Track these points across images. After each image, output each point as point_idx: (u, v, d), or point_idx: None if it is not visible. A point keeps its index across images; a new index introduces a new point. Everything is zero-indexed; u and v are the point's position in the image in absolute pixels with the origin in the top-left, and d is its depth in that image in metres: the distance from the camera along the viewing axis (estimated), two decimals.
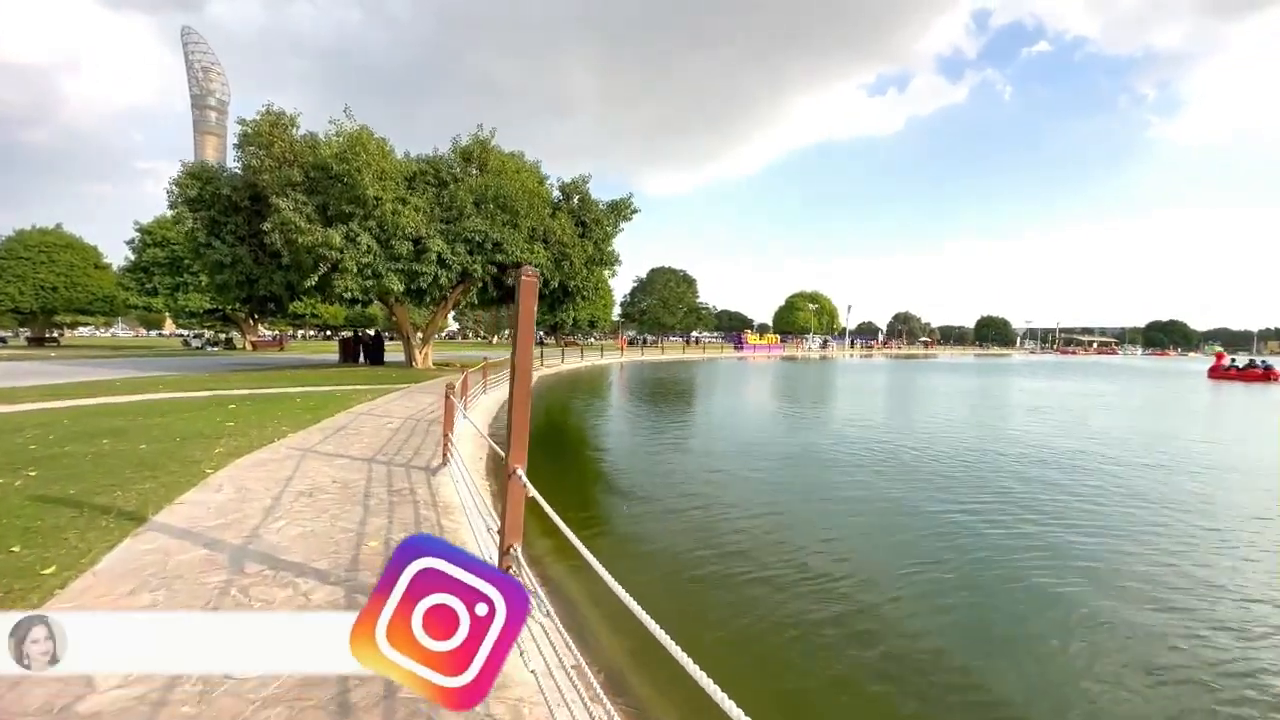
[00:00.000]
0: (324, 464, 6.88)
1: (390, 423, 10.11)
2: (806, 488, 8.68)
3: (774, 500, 7.90)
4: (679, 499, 7.88)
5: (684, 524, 6.86)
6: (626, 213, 24.74)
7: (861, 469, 9.74)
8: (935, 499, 7.97)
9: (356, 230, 18.91)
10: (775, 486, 8.70)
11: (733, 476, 9.31)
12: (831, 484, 8.84)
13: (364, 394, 14.46)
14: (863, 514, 7.37)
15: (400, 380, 18.65)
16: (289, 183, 19.53)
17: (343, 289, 18.91)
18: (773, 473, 9.55)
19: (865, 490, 8.48)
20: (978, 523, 6.97)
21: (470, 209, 20.12)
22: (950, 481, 8.97)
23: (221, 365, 26.23)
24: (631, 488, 8.65)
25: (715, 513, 7.28)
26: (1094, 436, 13.80)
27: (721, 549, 6.06)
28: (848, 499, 8.03)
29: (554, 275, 21.81)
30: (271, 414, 10.52)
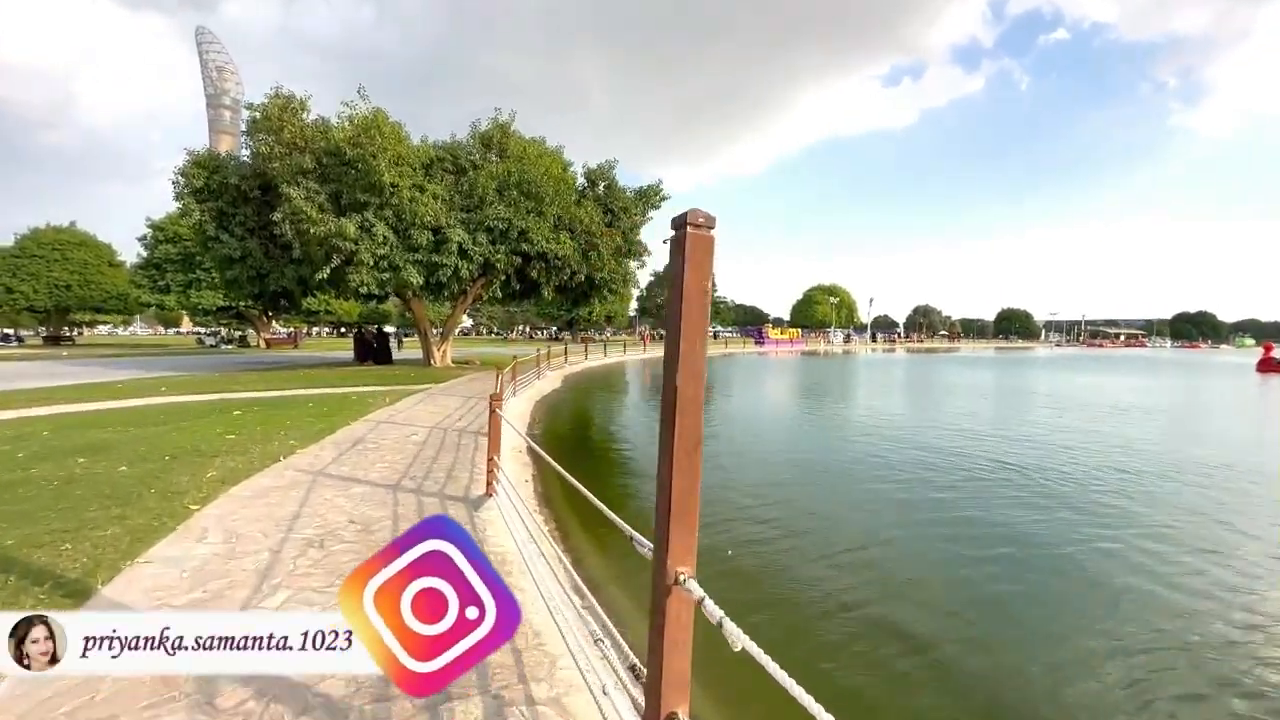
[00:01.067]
0: (338, 494, 5.54)
1: (414, 434, 8.77)
2: (914, 512, 7.22)
3: (880, 529, 6.46)
4: (765, 527, 6.46)
5: (789, 564, 5.44)
6: (655, 200, 23.26)
7: (972, 486, 8.25)
8: (1093, 542, 6.47)
9: (372, 220, 17.63)
10: (878, 509, 7.25)
11: (824, 498, 7.88)
12: (948, 510, 7.36)
13: (381, 397, 13.18)
14: (1004, 554, 5.90)
15: (419, 380, 17.39)
16: (300, 170, 18.30)
17: (358, 283, 17.66)
18: (869, 493, 8.09)
19: (987, 517, 7.00)
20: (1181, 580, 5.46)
21: (492, 195, 18.77)
22: (1103, 511, 7.42)
23: (233, 364, 25.19)
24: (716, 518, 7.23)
25: (818, 549, 5.85)
26: (1210, 441, 12.22)
27: (851, 601, 4.63)
28: (972, 534, 6.55)
29: (581, 266, 20.41)
30: (279, 423, 9.23)
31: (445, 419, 10.25)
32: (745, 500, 7.36)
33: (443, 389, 15.18)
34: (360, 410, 10.93)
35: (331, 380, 16.95)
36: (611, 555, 5.41)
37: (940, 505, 7.35)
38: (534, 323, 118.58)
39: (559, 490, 7.19)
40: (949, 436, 12.12)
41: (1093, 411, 16.99)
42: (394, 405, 11.88)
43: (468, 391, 14.75)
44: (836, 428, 13.66)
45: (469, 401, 12.76)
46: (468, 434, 8.92)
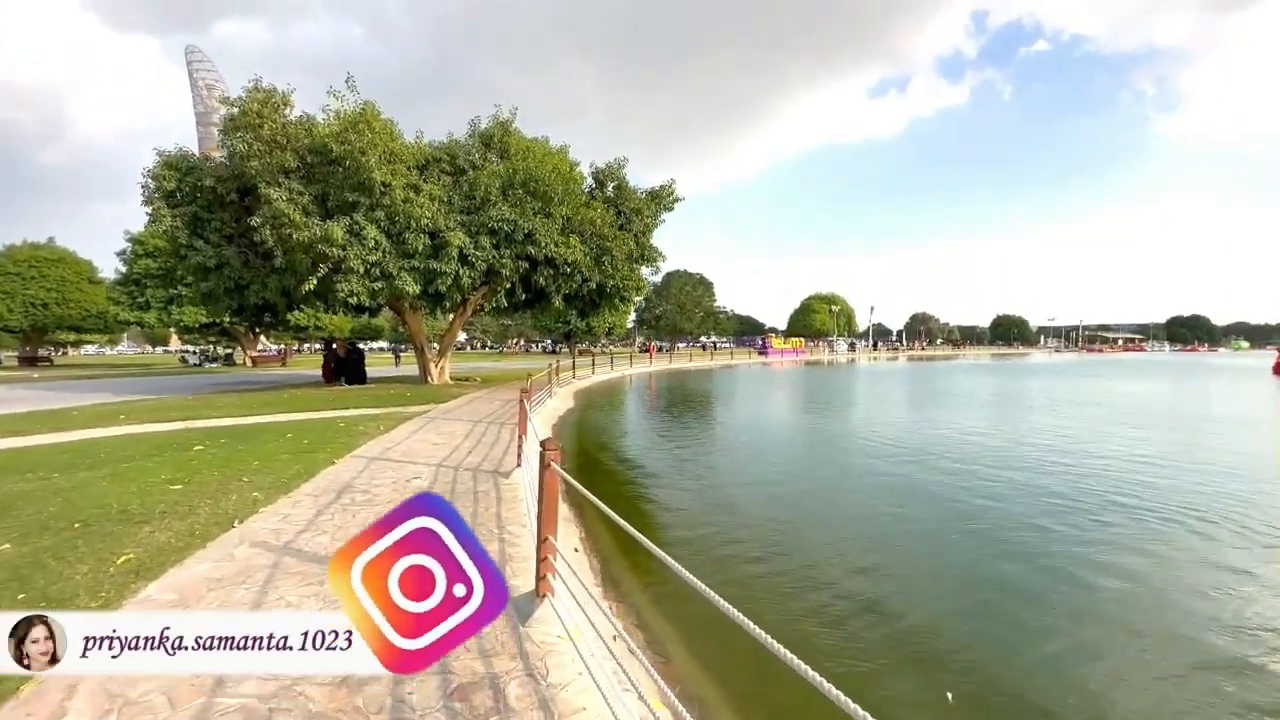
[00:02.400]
0: (310, 592, 3.71)
1: (416, 476, 6.94)
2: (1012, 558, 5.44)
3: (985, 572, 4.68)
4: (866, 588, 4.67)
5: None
6: (668, 201, 21.62)
7: (1070, 513, 6.49)
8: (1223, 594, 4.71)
9: (361, 223, 15.86)
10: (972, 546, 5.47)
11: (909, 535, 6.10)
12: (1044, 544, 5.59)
13: (374, 423, 11.34)
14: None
15: (416, 399, 15.54)
16: (282, 169, 16.53)
17: (347, 293, 15.85)
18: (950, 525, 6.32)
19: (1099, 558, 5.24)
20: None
21: (495, 195, 17.05)
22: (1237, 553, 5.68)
23: (214, 384, 23.24)
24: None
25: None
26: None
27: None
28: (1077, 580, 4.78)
29: (592, 273, 18.69)
30: (244, 463, 7.38)
31: (453, 453, 8.42)
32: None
33: (444, 411, 13.34)
34: (348, 442, 9.08)
35: (318, 403, 15.07)
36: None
37: (1114, 565, 5.57)
38: (529, 335, 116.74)
39: (626, 564, 5.35)
40: (1044, 457, 10.38)
41: (1170, 423, 15.34)
42: (389, 434, 10.03)
43: (473, 414, 12.91)
44: (929, 446, 11.88)
45: (477, 428, 10.93)
46: (484, 474, 7.10)
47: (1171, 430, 14.22)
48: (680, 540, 6.23)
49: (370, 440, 9.31)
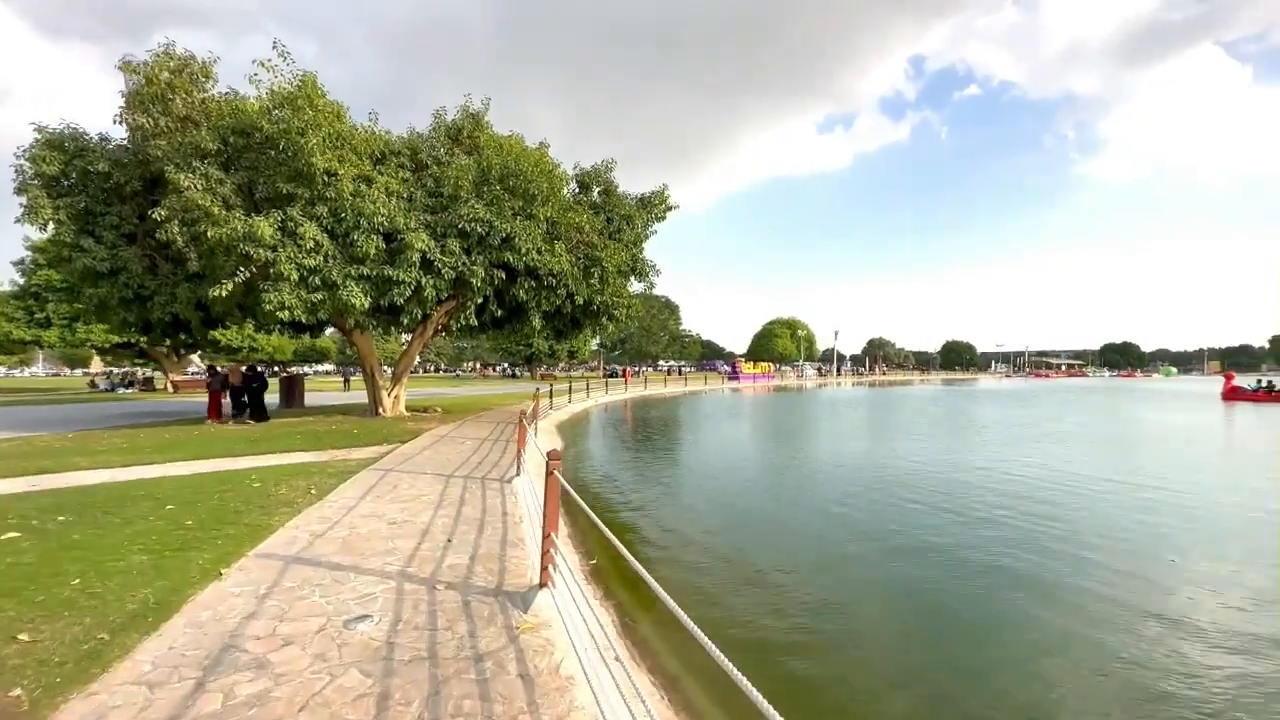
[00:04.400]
0: None
1: (363, 613, 4.00)
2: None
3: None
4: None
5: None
6: (660, 210, 19.18)
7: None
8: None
9: (298, 219, 12.74)
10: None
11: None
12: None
13: (303, 479, 8.21)
14: None
15: (365, 438, 12.36)
16: (197, 152, 13.29)
17: (276, 306, 12.59)
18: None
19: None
20: None
21: (468, 191, 14.20)
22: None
23: (114, 416, 19.18)
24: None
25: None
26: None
27: None
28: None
29: (579, 287, 15.96)
30: (59, 579, 4.27)
31: (422, 543, 5.47)
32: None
33: (403, 458, 10.24)
34: (256, 522, 6.01)
35: (236, 445, 11.70)
36: None
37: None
38: (485, 359, 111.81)
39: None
40: (1123, 504, 8.16)
41: (1196, 457, 13.61)
42: (324, 502, 6.97)
43: (442, 463, 9.89)
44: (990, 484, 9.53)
45: (452, 487, 7.97)
46: (481, 596, 4.22)
47: (1194, 471, 12.42)
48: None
49: (292, 516, 6.24)
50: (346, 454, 11.08)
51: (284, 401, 23.54)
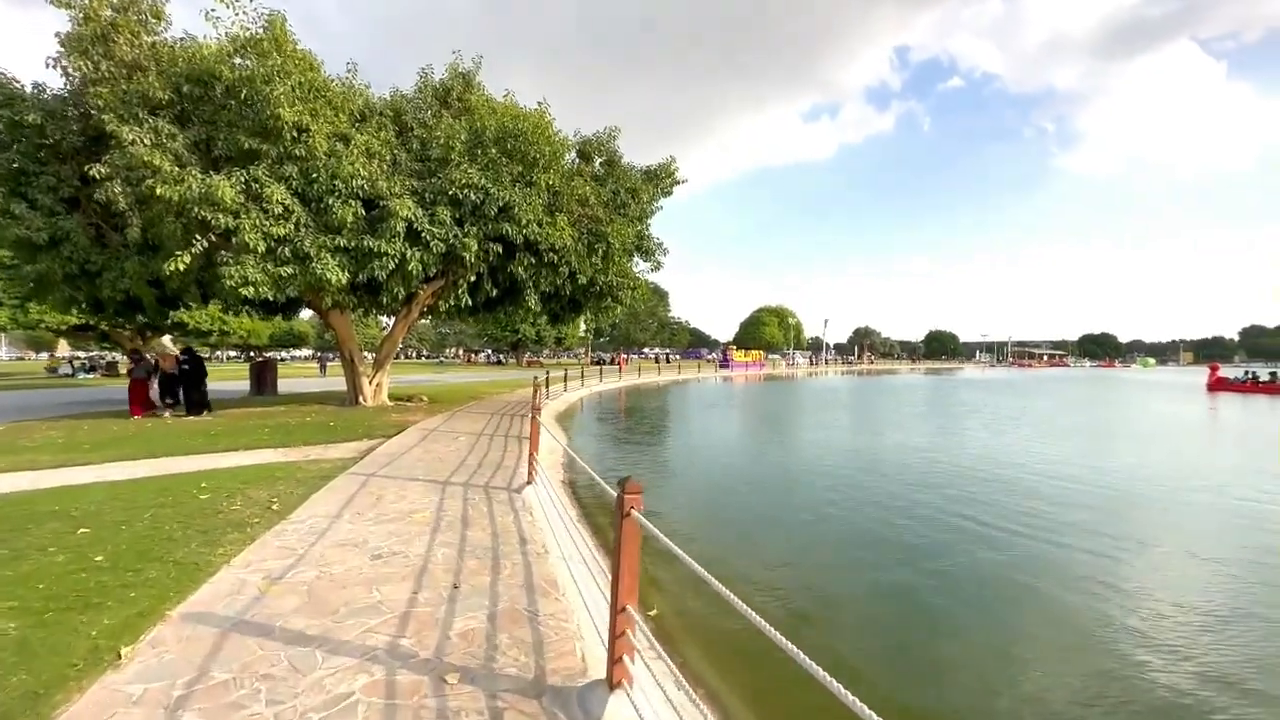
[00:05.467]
0: None
1: (348, 696, 2.60)
2: None
3: None
4: None
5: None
6: (667, 184, 17.66)
7: None
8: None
9: (263, 180, 11.05)
10: None
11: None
12: None
13: (264, 488, 6.70)
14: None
15: (342, 432, 10.80)
16: (144, 102, 11.50)
17: (238, 281, 10.91)
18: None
19: None
20: None
21: (459, 153, 12.58)
22: None
23: (62, 404, 17.29)
24: None
25: None
26: None
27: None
28: None
29: (583, 264, 14.43)
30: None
31: (419, 592, 4.05)
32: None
33: (387, 459, 8.73)
34: (195, 557, 4.51)
35: (194, 440, 10.08)
36: None
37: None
38: (468, 345, 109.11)
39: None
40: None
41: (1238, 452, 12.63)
42: (288, 521, 5.48)
43: (433, 465, 8.41)
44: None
45: (450, 499, 6.51)
46: (513, 695, 2.82)
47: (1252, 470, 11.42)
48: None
49: (243, 546, 4.75)
50: (321, 452, 9.55)
51: (255, 389, 21.80)
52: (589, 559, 5.04)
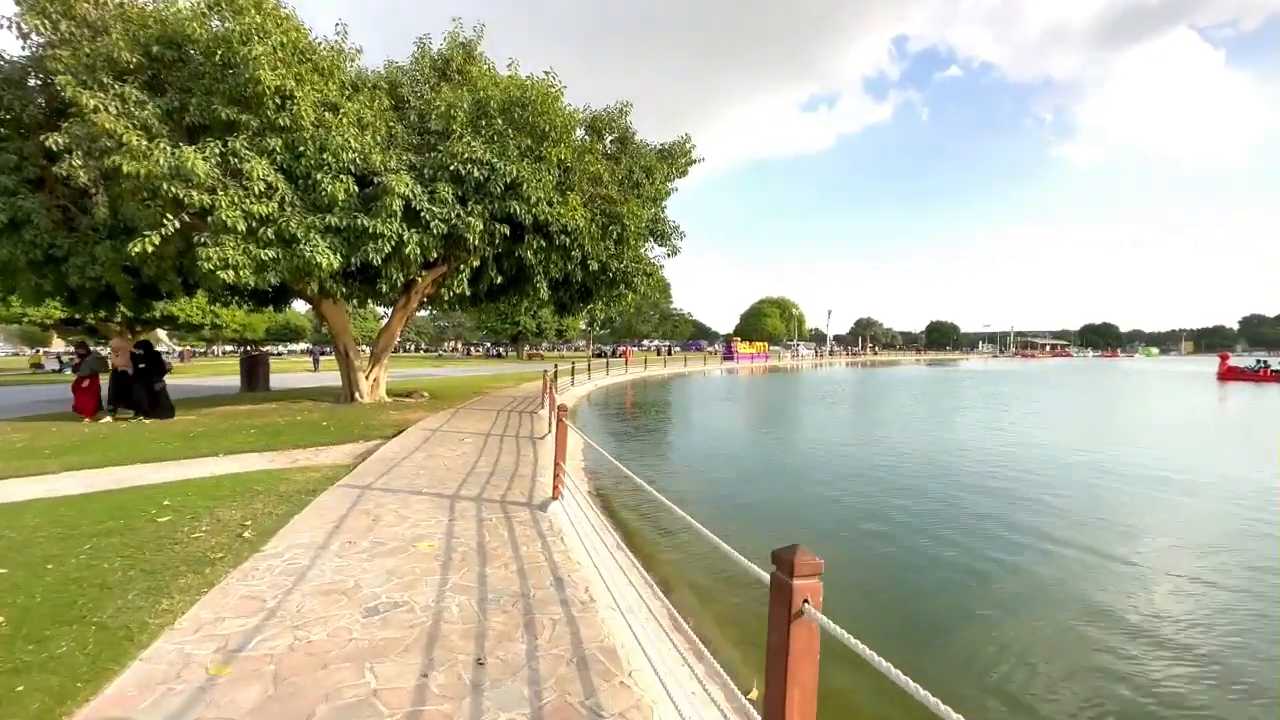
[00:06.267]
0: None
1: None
2: None
3: None
4: None
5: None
6: (681, 164, 16.46)
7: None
8: None
9: (242, 152, 9.86)
10: None
11: None
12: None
13: (240, 506, 5.59)
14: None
15: (337, 433, 9.69)
16: (110, 66, 10.29)
17: (215, 264, 9.74)
18: None
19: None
20: None
21: (461, 124, 11.38)
22: None
23: (35, 403, 16.14)
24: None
25: None
26: None
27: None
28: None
29: (597, 250, 13.27)
30: None
31: (433, 679, 2.96)
32: None
33: (385, 467, 7.61)
34: (130, 616, 3.41)
35: (170, 441, 8.96)
36: None
37: None
38: (466, 337, 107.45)
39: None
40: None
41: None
42: (260, 558, 4.38)
43: (438, 468, 7.29)
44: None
45: (459, 516, 5.40)
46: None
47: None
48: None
49: (197, 597, 3.65)
50: (311, 457, 8.45)
51: (246, 384, 20.68)
52: (655, 608, 3.93)
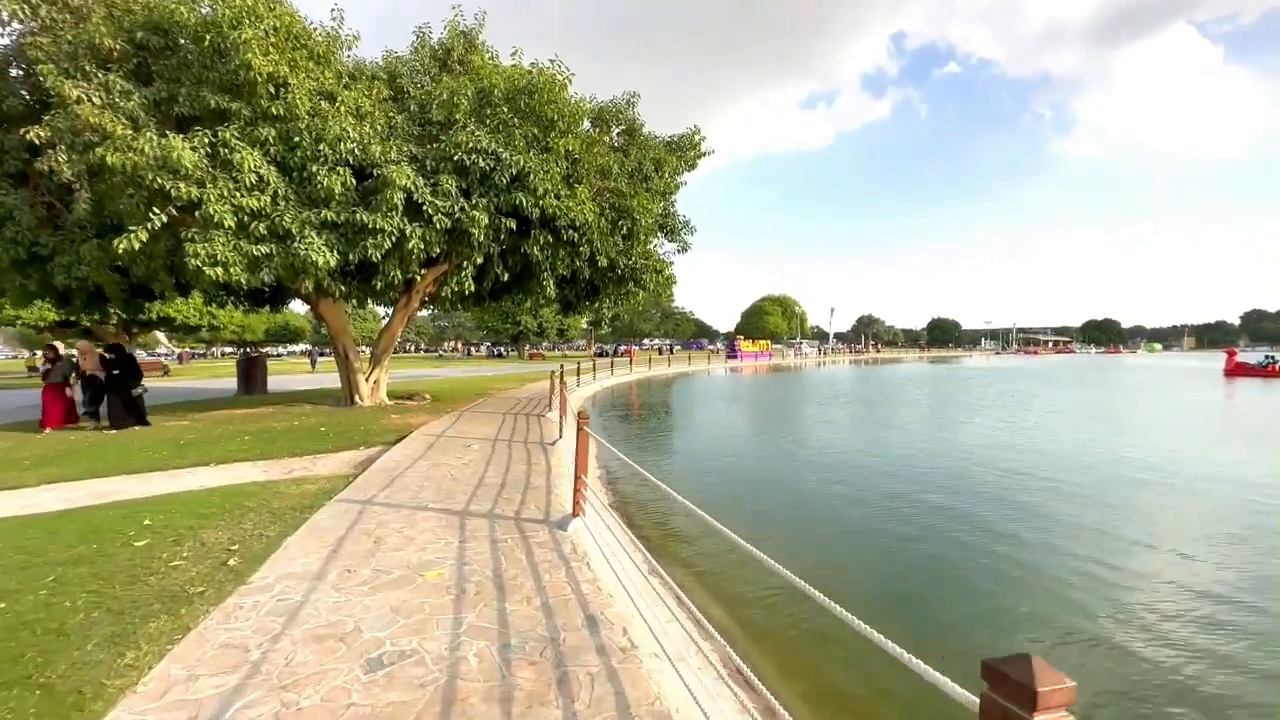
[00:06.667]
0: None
1: None
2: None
3: None
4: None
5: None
6: (691, 157, 15.90)
7: None
8: None
9: (232, 143, 9.31)
10: None
11: None
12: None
13: (229, 519, 5.02)
14: None
15: (336, 440, 9.14)
16: (93, 55, 9.75)
17: (204, 261, 9.19)
18: None
19: None
20: None
21: (464, 112, 10.83)
22: None
23: (25, 408, 15.60)
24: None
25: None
26: None
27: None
28: None
29: (606, 245, 12.72)
30: None
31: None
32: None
33: (387, 478, 7.06)
34: (84, 673, 2.87)
35: (159, 450, 8.42)
36: None
37: None
38: (466, 337, 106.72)
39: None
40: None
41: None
42: (244, 591, 3.82)
43: (445, 479, 6.74)
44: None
45: (471, 536, 4.85)
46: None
47: None
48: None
49: (171, 645, 3.10)
50: (308, 466, 7.91)
51: (243, 387, 20.16)
52: (708, 651, 3.35)
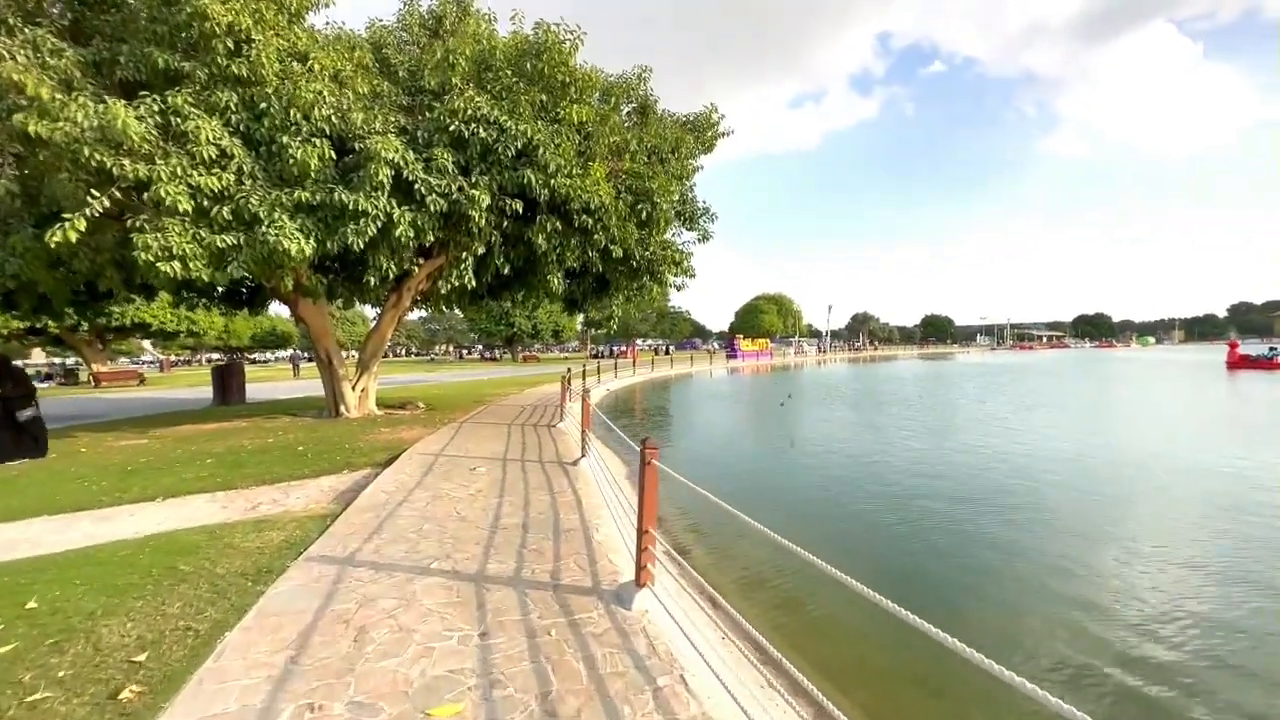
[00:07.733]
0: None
1: None
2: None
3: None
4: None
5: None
6: (708, 138, 14.45)
7: None
8: None
9: (185, 110, 7.78)
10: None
11: None
12: None
13: (151, 590, 3.51)
14: None
15: (316, 462, 7.63)
16: (18, 6, 8.19)
17: (157, 254, 7.64)
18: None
19: None
20: None
21: (462, 76, 9.35)
22: None
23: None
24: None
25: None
26: None
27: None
28: None
29: (624, 232, 11.25)
30: None
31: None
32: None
33: (375, 514, 5.55)
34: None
35: (101, 477, 6.88)
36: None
37: None
38: (458, 340, 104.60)
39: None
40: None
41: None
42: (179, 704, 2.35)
43: (446, 519, 5.26)
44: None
45: (489, 617, 3.38)
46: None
47: None
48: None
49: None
50: (278, 498, 6.39)
51: (219, 397, 18.49)
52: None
